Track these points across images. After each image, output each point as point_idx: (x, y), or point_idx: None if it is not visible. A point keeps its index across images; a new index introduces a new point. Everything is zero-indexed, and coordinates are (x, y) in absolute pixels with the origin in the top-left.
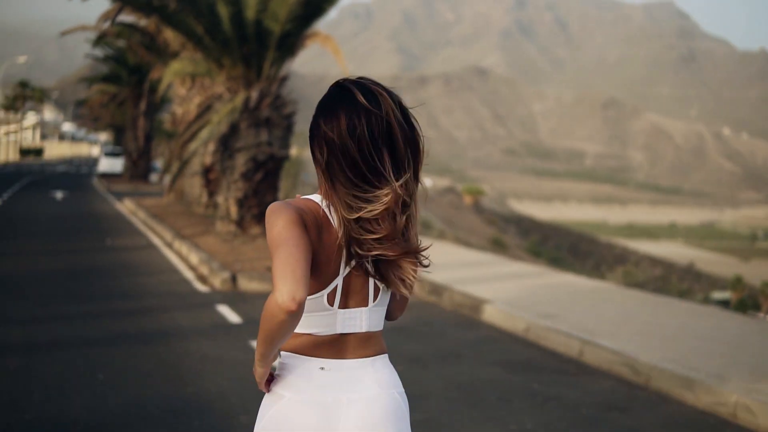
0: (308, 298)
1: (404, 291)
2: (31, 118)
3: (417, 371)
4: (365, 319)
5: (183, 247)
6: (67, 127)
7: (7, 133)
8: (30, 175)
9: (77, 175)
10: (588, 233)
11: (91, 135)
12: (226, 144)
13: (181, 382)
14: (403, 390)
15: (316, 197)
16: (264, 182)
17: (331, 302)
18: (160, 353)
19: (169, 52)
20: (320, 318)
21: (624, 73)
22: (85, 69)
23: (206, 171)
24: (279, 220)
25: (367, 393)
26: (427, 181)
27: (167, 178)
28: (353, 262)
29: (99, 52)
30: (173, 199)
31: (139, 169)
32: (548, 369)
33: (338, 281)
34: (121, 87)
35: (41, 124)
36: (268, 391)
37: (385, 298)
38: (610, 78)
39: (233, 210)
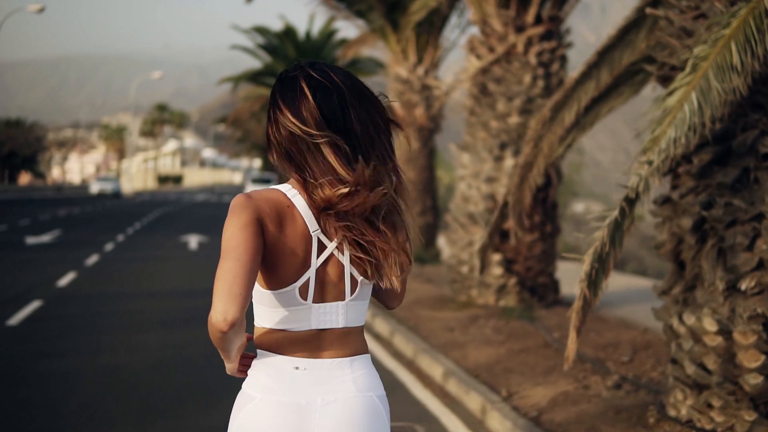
0: (278, 292)
1: (389, 283)
2: (171, 144)
3: None
4: (342, 314)
5: None
6: (208, 153)
7: (146, 160)
8: (164, 205)
9: (219, 206)
10: None
11: (233, 161)
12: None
13: None
14: (383, 393)
15: (284, 186)
16: None
17: (304, 296)
18: None
19: None
20: (293, 313)
21: None
22: (227, 95)
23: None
24: (231, 222)
25: (343, 395)
26: (579, 206)
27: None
28: (327, 252)
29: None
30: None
31: None
32: None
33: (310, 273)
34: None
35: (181, 151)
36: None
37: (365, 291)
38: None
39: (748, 340)
